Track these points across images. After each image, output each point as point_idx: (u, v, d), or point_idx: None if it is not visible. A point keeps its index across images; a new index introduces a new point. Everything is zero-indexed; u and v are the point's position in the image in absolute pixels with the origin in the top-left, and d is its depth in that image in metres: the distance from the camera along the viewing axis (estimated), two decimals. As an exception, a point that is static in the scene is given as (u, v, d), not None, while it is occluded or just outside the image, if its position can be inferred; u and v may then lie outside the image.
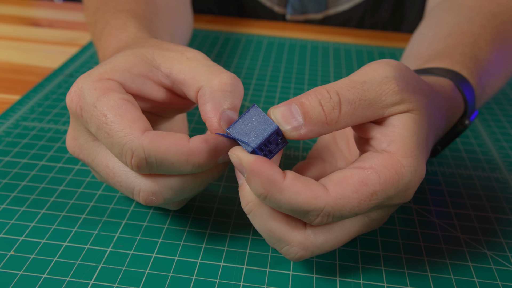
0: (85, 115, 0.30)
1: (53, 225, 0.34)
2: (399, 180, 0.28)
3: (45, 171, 0.39)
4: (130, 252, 0.33)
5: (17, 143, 0.43)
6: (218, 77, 0.30)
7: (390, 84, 0.29)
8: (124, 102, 0.29)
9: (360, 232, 0.31)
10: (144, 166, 0.28)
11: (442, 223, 0.37)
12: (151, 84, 0.32)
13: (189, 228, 0.35)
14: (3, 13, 0.72)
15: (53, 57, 0.60)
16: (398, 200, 0.29)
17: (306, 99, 0.28)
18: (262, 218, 0.29)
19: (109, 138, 0.28)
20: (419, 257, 0.34)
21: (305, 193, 0.26)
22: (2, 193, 0.37)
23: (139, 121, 0.29)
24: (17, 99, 0.50)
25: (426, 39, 0.48)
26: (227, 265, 0.32)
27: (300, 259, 0.29)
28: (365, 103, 0.28)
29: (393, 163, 0.28)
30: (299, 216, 0.28)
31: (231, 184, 0.39)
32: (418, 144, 0.29)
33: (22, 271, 0.31)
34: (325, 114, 0.28)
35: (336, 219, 0.28)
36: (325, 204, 0.27)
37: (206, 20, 0.73)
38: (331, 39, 0.69)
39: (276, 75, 0.58)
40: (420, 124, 0.29)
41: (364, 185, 0.27)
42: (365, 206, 0.27)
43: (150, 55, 0.32)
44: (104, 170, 0.31)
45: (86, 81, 0.30)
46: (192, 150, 0.28)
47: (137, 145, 0.28)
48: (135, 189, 0.30)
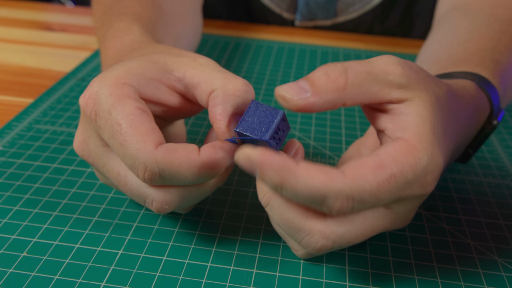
0: (99, 121, 0.30)
1: (65, 227, 0.35)
2: (416, 163, 0.27)
3: (58, 173, 0.40)
4: (141, 255, 0.33)
5: (30, 146, 0.43)
6: (233, 82, 0.31)
7: (396, 67, 0.29)
8: (139, 112, 0.29)
9: (385, 228, 0.30)
10: (157, 179, 0.29)
11: (452, 229, 0.37)
12: (164, 89, 0.32)
13: (199, 232, 0.35)
14: (16, 17, 0.73)
15: (65, 61, 0.60)
16: (419, 189, 0.28)
17: (313, 73, 0.29)
18: (279, 209, 0.29)
19: (122, 149, 0.28)
20: (429, 263, 0.34)
21: (321, 176, 0.26)
22: (15, 195, 0.37)
23: (152, 133, 0.29)
24: (30, 102, 0.50)
25: (445, 45, 0.48)
26: (237, 269, 0.32)
27: (321, 249, 0.29)
28: (372, 77, 0.29)
29: (408, 147, 0.28)
30: (318, 204, 0.27)
31: (241, 188, 0.40)
32: (433, 130, 0.29)
33: (35, 272, 0.31)
34: (331, 80, 0.28)
35: (358, 204, 0.27)
36: (342, 185, 0.26)
37: (217, 25, 0.73)
38: (341, 44, 0.69)
39: (286, 80, 0.58)
40: (433, 112, 0.29)
41: (381, 167, 0.27)
42: (385, 190, 0.27)
43: (163, 60, 0.33)
44: (116, 177, 0.31)
45: (102, 85, 0.30)
46: (204, 163, 0.29)
47: (151, 160, 0.28)
48: (148, 198, 0.30)
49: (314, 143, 0.46)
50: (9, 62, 0.60)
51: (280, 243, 0.35)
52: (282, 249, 0.34)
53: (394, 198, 0.28)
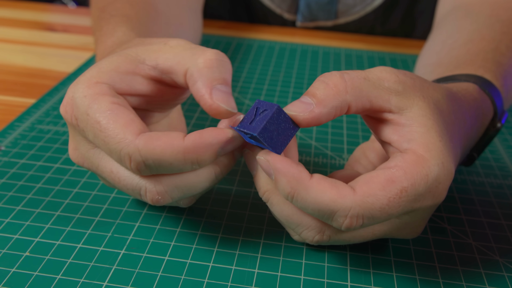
0: (81, 125, 0.29)
1: (68, 227, 0.35)
2: (427, 174, 0.27)
3: (60, 173, 0.40)
4: (143, 255, 0.33)
5: (33, 146, 0.43)
6: (202, 55, 0.30)
7: (390, 75, 0.30)
8: (115, 106, 0.29)
9: (388, 234, 0.30)
10: (143, 168, 0.28)
11: (454, 229, 0.37)
12: (139, 79, 0.31)
13: (201, 232, 0.35)
14: (19, 18, 0.74)
15: (67, 61, 0.61)
16: (431, 199, 0.28)
17: (311, 86, 0.29)
18: (279, 205, 0.30)
19: (106, 145, 0.28)
20: (431, 263, 0.34)
21: (331, 191, 0.27)
22: (17, 195, 0.37)
23: (132, 124, 0.28)
24: (32, 103, 0.50)
25: (446, 47, 0.48)
26: (239, 268, 0.32)
27: (318, 243, 0.30)
28: (369, 82, 0.29)
29: (417, 158, 0.28)
30: (327, 219, 0.27)
31: (243, 188, 0.40)
32: (440, 138, 0.29)
33: (37, 272, 0.31)
34: (331, 87, 0.28)
35: (368, 221, 0.27)
36: (352, 202, 0.27)
37: (219, 26, 0.74)
38: (342, 45, 0.69)
39: (288, 81, 0.58)
40: (435, 120, 0.29)
41: (392, 182, 0.27)
42: (395, 205, 0.27)
43: (134, 53, 0.32)
44: (109, 175, 0.31)
45: (76, 90, 0.30)
46: (187, 148, 0.28)
47: (133, 149, 0.27)
48: (142, 190, 0.30)
49: (315, 143, 0.46)
50: (12, 62, 0.60)
51: (282, 243, 0.35)
52: (283, 249, 0.34)
53: (406, 211, 0.28)
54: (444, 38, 0.50)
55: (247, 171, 0.42)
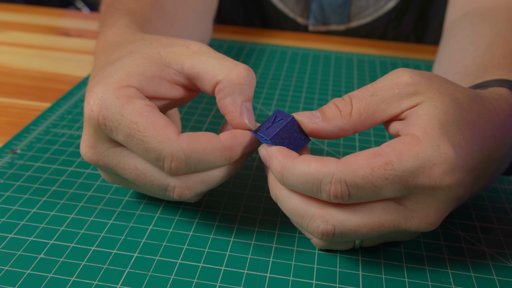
0: (109, 124, 0.30)
1: (82, 230, 0.35)
2: (418, 153, 0.28)
3: (74, 177, 0.40)
4: (156, 258, 0.33)
5: (48, 149, 0.44)
6: (235, 70, 0.32)
7: (402, 77, 0.31)
8: (150, 108, 0.30)
9: (396, 224, 0.30)
10: (183, 168, 0.30)
11: (466, 236, 0.37)
12: (165, 84, 0.33)
13: (213, 236, 0.35)
14: (34, 23, 0.75)
15: (82, 66, 0.61)
16: (427, 180, 0.28)
17: (324, 105, 0.32)
18: (284, 199, 0.31)
19: (144, 144, 0.29)
20: (443, 269, 0.34)
21: (316, 162, 0.29)
22: (33, 198, 0.38)
23: (169, 125, 0.30)
24: (47, 107, 0.51)
25: (469, 54, 0.47)
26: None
27: (323, 233, 0.30)
28: (377, 97, 0.31)
29: (411, 138, 0.29)
30: (316, 191, 0.29)
31: (257, 183, 0.40)
32: (441, 126, 0.29)
33: (52, 274, 0.32)
34: (339, 109, 0.31)
35: (353, 190, 0.28)
36: (335, 169, 0.28)
37: (231, 31, 0.74)
38: (354, 50, 0.69)
39: (300, 86, 0.58)
40: (443, 110, 0.30)
41: (378, 155, 0.28)
42: (380, 176, 0.28)
43: (157, 54, 0.33)
44: (133, 172, 0.32)
45: (106, 91, 0.30)
46: (225, 146, 0.31)
47: (177, 149, 0.29)
48: (169, 186, 0.31)
49: (327, 148, 0.46)
50: (28, 67, 0.61)
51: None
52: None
53: (398, 188, 0.28)
54: (464, 45, 0.49)
55: (258, 175, 0.42)
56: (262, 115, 0.51)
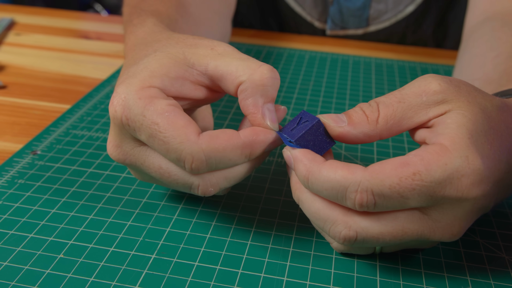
0: (132, 124, 0.31)
1: (100, 231, 0.35)
2: (446, 163, 0.27)
3: (93, 178, 0.41)
4: (173, 260, 0.33)
5: (67, 151, 0.44)
6: (258, 71, 0.31)
7: (431, 84, 0.31)
8: (172, 108, 0.30)
9: (420, 233, 0.29)
10: (204, 168, 0.30)
11: (486, 243, 0.36)
12: (188, 85, 0.33)
13: (230, 239, 0.35)
14: (55, 26, 0.76)
15: (101, 68, 0.62)
16: (454, 192, 0.28)
17: (351, 109, 0.32)
18: (307, 202, 0.31)
19: (165, 145, 0.30)
20: (462, 276, 0.33)
21: (343, 169, 0.28)
22: (52, 198, 0.38)
23: (190, 125, 0.30)
24: (67, 108, 0.52)
25: (490, 61, 0.47)
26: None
27: (345, 239, 0.30)
28: (404, 105, 0.30)
29: (439, 148, 0.28)
30: (341, 198, 0.29)
31: (275, 186, 0.40)
32: (470, 136, 0.29)
33: (71, 274, 0.32)
34: (365, 115, 0.31)
35: (379, 199, 0.28)
36: (361, 177, 0.28)
37: (249, 35, 0.74)
38: (372, 54, 0.69)
39: (318, 90, 0.58)
40: (473, 120, 0.29)
41: (405, 165, 0.28)
42: (407, 186, 0.27)
43: (182, 55, 0.33)
44: (158, 171, 0.32)
45: (129, 91, 0.31)
46: (245, 143, 0.31)
47: (197, 150, 0.29)
48: (194, 184, 0.32)
49: (345, 152, 0.46)
50: (48, 69, 0.61)
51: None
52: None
53: (424, 199, 0.28)
54: (484, 50, 0.49)
55: (276, 179, 0.42)
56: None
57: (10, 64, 0.62)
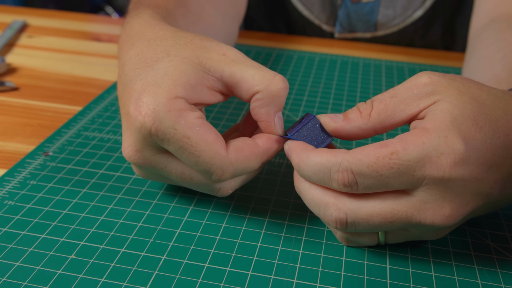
0: (162, 136, 0.31)
1: (111, 232, 0.36)
2: (424, 142, 0.29)
3: (104, 179, 0.41)
4: (184, 261, 0.33)
5: (79, 152, 0.45)
6: (274, 82, 0.33)
7: (421, 78, 0.32)
8: (201, 122, 0.32)
9: (410, 215, 0.30)
10: (229, 177, 0.33)
11: (497, 246, 0.36)
12: (206, 91, 0.34)
13: (240, 240, 0.35)
14: (66, 28, 0.76)
15: (113, 70, 0.62)
16: (435, 170, 0.28)
17: (348, 110, 0.34)
18: (304, 190, 0.33)
19: (196, 158, 0.31)
20: (473, 280, 0.33)
21: (328, 154, 0.31)
22: (64, 199, 0.39)
23: (218, 139, 0.32)
24: (79, 110, 0.52)
25: (498, 62, 0.47)
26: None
27: (337, 222, 0.31)
28: (396, 99, 0.32)
29: (419, 130, 0.30)
30: (328, 180, 0.31)
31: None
32: (452, 119, 0.29)
33: (82, 274, 0.32)
34: (360, 111, 0.33)
35: (360, 178, 0.29)
36: (342, 158, 0.30)
37: (259, 37, 0.74)
38: (382, 57, 0.69)
39: (328, 92, 0.58)
40: (457, 105, 0.30)
41: (384, 146, 0.29)
42: (385, 165, 0.29)
43: (196, 58, 0.34)
44: (180, 175, 0.33)
45: (159, 103, 0.31)
46: (264, 151, 0.34)
47: (227, 164, 0.32)
48: (215, 187, 0.34)
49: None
50: (60, 71, 0.62)
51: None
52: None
53: (406, 179, 0.29)
54: (492, 52, 0.49)
55: (288, 172, 0.42)
56: (289, 121, 0.51)
57: (22, 66, 0.62)
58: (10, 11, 0.82)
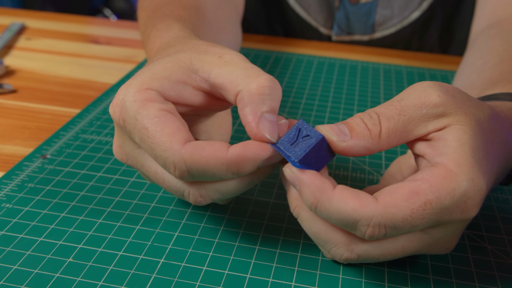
0: (128, 127, 0.31)
1: (109, 235, 0.36)
2: (454, 189, 0.27)
3: (103, 182, 0.41)
4: (182, 264, 0.33)
5: (77, 155, 0.45)
6: (256, 80, 0.30)
7: (430, 96, 0.30)
8: (163, 113, 0.30)
9: (418, 250, 0.30)
10: (186, 176, 0.29)
11: (495, 249, 0.36)
12: (190, 90, 0.32)
13: (238, 243, 0.35)
14: (65, 30, 0.76)
15: (111, 73, 0.62)
16: (459, 214, 0.28)
17: (351, 119, 0.30)
18: (308, 221, 0.30)
19: (152, 150, 0.29)
20: (471, 283, 0.33)
21: (354, 201, 0.27)
22: (62, 202, 0.39)
23: (178, 133, 0.29)
24: (77, 113, 0.52)
25: (475, 68, 0.47)
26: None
27: (347, 260, 0.30)
28: (405, 117, 0.30)
29: (446, 172, 0.28)
30: (351, 228, 0.28)
31: (283, 191, 0.40)
32: (473, 154, 0.29)
33: (80, 278, 0.32)
34: (368, 129, 0.29)
35: (390, 230, 0.28)
36: (373, 212, 0.27)
37: (258, 40, 0.74)
38: (380, 60, 0.69)
39: (326, 95, 0.58)
40: (472, 135, 0.29)
41: (416, 194, 0.27)
42: (419, 217, 0.27)
43: (188, 60, 0.33)
44: (154, 176, 0.32)
45: (127, 93, 0.31)
46: (231, 160, 0.29)
47: (178, 159, 0.29)
48: (185, 192, 0.31)
49: (353, 158, 0.46)
50: (58, 73, 0.62)
51: (319, 257, 0.35)
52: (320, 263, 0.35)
53: (431, 224, 0.28)
54: (475, 59, 0.49)
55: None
56: (287, 124, 0.51)
57: (20, 69, 0.62)
58: (8, 13, 0.82)
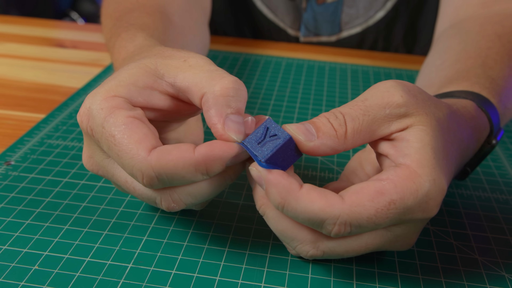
0: (96, 135, 0.30)
1: (76, 241, 0.35)
2: (417, 190, 0.28)
3: (69, 188, 0.40)
4: (150, 269, 0.33)
5: (42, 161, 0.44)
6: (220, 82, 0.30)
7: (393, 96, 0.30)
8: (131, 120, 0.29)
9: (380, 247, 0.31)
10: (156, 183, 0.29)
11: (459, 244, 0.37)
12: (157, 95, 0.32)
13: (208, 246, 0.35)
14: (29, 34, 0.75)
15: (77, 77, 0.61)
16: (421, 214, 0.29)
17: (316, 119, 0.31)
18: (274, 219, 0.31)
19: (119, 159, 0.29)
20: (437, 278, 0.34)
21: (320, 201, 0.28)
22: (27, 209, 0.38)
23: (145, 139, 0.29)
24: (42, 118, 0.51)
25: (434, 68, 0.49)
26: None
27: (312, 257, 0.31)
28: (369, 117, 0.30)
29: (410, 173, 0.29)
30: (317, 226, 0.29)
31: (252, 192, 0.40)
32: (434, 155, 0.29)
33: (46, 285, 0.31)
34: (334, 129, 0.30)
35: (355, 229, 0.28)
36: (340, 211, 0.28)
37: (226, 42, 0.74)
38: (347, 61, 0.70)
39: (295, 96, 0.58)
40: (433, 136, 0.30)
41: (381, 194, 0.28)
42: (383, 216, 0.28)
43: (153, 65, 0.32)
44: (124, 185, 0.32)
45: (93, 101, 0.30)
46: (198, 161, 0.28)
47: (146, 166, 0.28)
48: (157, 199, 0.31)
49: (321, 158, 0.46)
50: (22, 78, 0.61)
51: (288, 258, 0.35)
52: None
53: (394, 222, 0.29)
54: (434, 59, 0.51)
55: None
56: (256, 126, 0.51)
57: (-17, 74, 0.61)
58: (-30, 17, 0.80)
